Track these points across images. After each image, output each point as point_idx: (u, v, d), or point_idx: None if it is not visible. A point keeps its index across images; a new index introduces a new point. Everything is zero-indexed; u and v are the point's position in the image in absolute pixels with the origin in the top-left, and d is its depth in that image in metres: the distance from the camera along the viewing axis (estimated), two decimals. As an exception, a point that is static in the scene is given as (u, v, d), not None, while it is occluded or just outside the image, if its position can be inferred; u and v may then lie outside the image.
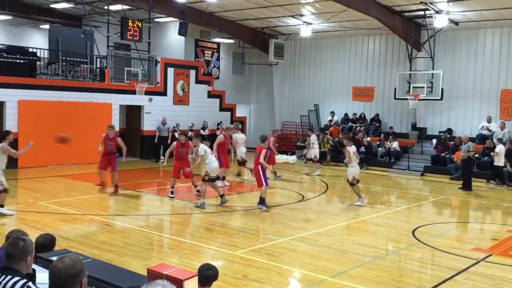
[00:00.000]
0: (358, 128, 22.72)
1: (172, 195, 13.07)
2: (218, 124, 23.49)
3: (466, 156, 16.17)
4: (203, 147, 11.96)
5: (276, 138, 16.90)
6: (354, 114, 23.74)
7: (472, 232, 11.06)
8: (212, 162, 11.97)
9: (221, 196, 12.28)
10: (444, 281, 7.30)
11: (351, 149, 12.81)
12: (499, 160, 16.87)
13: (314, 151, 19.01)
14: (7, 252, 3.41)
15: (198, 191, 12.79)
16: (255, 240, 9.39)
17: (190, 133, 22.10)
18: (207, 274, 4.89)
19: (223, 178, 14.93)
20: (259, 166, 11.97)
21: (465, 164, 16.42)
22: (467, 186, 16.16)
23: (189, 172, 13.07)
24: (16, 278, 3.27)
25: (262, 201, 11.93)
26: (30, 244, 3.49)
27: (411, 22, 20.26)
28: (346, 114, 24.04)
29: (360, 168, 19.76)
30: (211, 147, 13.29)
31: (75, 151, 18.37)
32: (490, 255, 8.81)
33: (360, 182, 13.47)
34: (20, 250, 3.40)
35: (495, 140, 18.85)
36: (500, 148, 16.94)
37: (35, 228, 9.20)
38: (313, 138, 19.24)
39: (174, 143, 13.48)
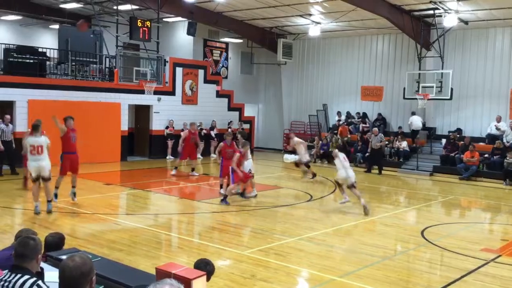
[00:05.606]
0: (363, 126, 22.64)
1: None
2: (229, 123, 23.49)
3: (379, 146, 19.53)
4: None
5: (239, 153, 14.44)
6: (357, 113, 23.65)
7: (482, 233, 10.98)
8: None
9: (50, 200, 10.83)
10: (453, 282, 7.26)
11: (341, 155, 12.32)
12: (302, 155, 16.39)
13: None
14: (17, 251, 3.44)
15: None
16: (263, 240, 9.37)
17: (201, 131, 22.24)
18: (207, 270, 4.79)
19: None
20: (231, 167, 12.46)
21: (377, 153, 19.73)
22: (379, 171, 19.42)
23: None
24: (26, 277, 3.30)
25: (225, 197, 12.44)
26: (39, 243, 3.54)
27: (421, 22, 20.16)
28: (348, 113, 23.94)
29: (368, 171, 19.72)
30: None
31: (83, 151, 18.43)
32: (499, 255, 8.73)
33: (367, 183, 13.39)
34: (31, 249, 3.43)
35: (504, 140, 18.75)
36: (295, 140, 16.68)
37: (44, 227, 9.27)
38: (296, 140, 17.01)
39: (221, 143, 13.47)
